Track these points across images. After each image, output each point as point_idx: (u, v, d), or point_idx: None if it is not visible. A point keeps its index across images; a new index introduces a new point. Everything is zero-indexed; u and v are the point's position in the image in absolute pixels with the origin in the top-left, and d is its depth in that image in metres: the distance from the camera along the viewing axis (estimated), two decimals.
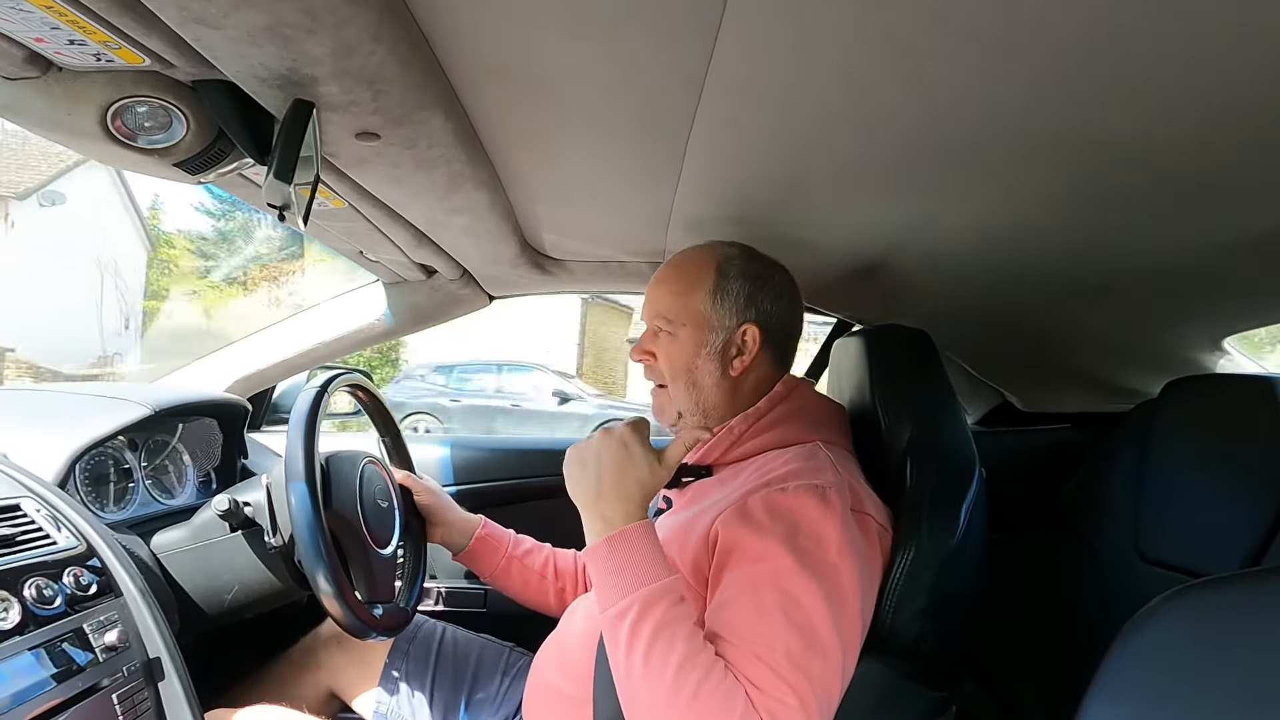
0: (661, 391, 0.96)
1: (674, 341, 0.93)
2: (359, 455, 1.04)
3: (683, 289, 0.93)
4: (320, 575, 0.84)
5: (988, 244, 1.01)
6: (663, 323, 0.94)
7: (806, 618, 0.70)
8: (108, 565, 0.83)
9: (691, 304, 0.92)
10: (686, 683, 0.66)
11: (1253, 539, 1.02)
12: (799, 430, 0.89)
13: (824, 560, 0.73)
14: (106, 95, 0.61)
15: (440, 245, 1.16)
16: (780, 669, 0.67)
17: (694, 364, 0.92)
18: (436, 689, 1.10)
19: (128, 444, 1.10)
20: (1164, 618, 0.43)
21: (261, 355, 1.46)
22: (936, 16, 0.50)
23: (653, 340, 0.95)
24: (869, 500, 0.82)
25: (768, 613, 0.70)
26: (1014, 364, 1.59)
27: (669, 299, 0.94)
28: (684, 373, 0.92)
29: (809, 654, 0.68)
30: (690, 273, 0.94)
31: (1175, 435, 1.18)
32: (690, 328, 0.92)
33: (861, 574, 0.75)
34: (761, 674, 0.67)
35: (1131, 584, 1.16)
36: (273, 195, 0.66)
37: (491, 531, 1.17)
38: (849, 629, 0.72)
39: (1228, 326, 1.30)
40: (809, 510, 0.75)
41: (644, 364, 0.97)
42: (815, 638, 0.69)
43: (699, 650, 0.68)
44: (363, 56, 0.56)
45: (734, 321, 0.91)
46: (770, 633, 0.69)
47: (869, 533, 0.79)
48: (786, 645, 0.68)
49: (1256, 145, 0.63)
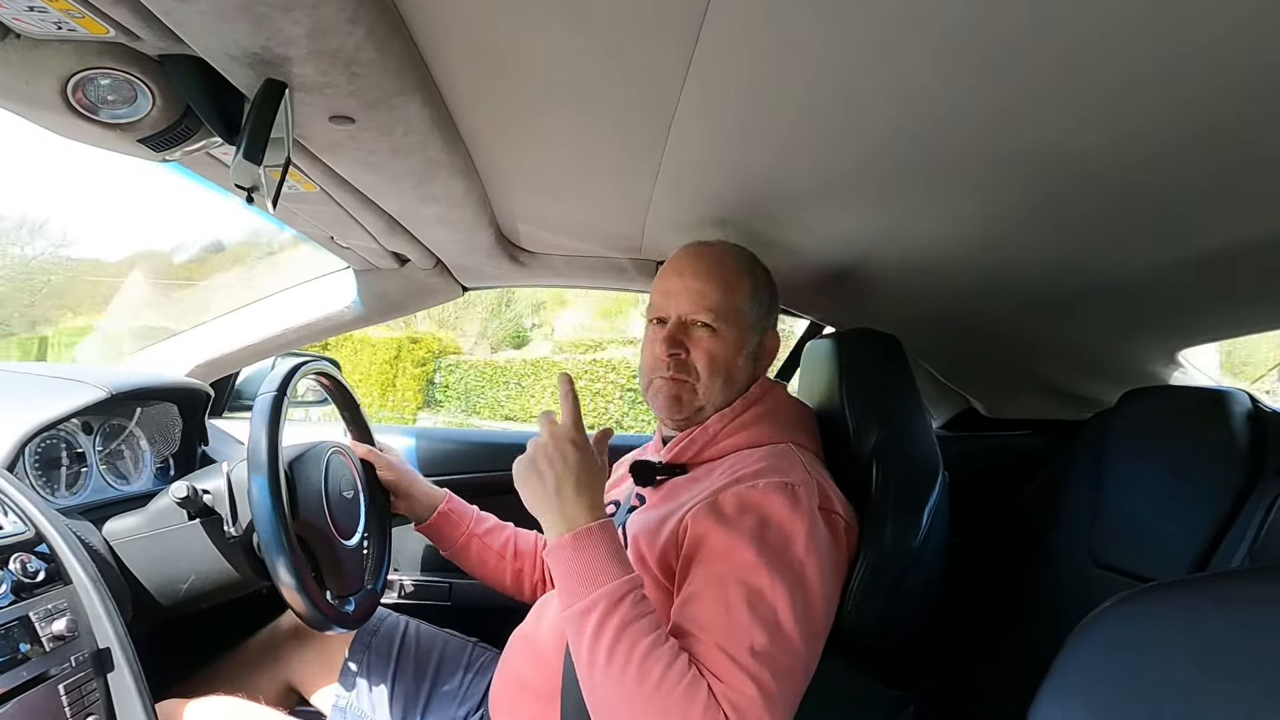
0: (682, 385, 0.93)
1: (716, 338, 0.92)
2: (324, 448, 1.02)
3: (728, 287, 0.93)
4: (281, 566, 0.82)
5: (956, 253, 1.04)
6: (710, 317, 0.92)
7: (771, 612, 0.71)
8: (57, 552, 0.80)
9: (736, 303, 0.93)
10: (650, 675, 0.67)
11: (1199, 546, 1.06)
12: (771, 431, 0.90)
13: (791, 556, 0.74)
14: (67, 66, 0.59)
15: (413, 233, 1.14)
16: (744, 662, 0.68)
17: (735, 362, 0.93)
18: (398, 683, 1.09)
19: (82, 427, 1.06)
20: (1112, 620, 0.45)
21: (226, 340, 1.42)
22: (917, 28, 0.51)
23: (687, 332, 0.93)
24: (837, 499, 0.83)
25: (733, 607, 0.71)
26: (979, 371, 1.63)
27: (718, 295, 0.93)
28: (724, 369, 0.92)
29: (773, 648, 0.69)
30: (734, 273, 0.95)
31: (1129, 444, 1.22)
32: (734, 327, 0.93)
33: (826, 571, 0.76)
34: (725, 667, 0.68)
35: (1084, 587, 1.19)
36: (241, 176, 0.64)
37: (455, 507, 1.17)
38: (813, 624, 0.74)
39: (1183, 340, 1.35)
40: (778, 507, 0.76)
41: (673, 357, 0.93)
42: (779, 632, 0.70)
43: (662, 644, 0.69)
44: (339, 38, 0.55)
45: (763, 325, 0.96)
46: (735, 626, 0.70)
47: (836, 531, 0.80)
48: (751, 639, 0.69)
49: (1216, 166, 0.66)
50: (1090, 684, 0.43)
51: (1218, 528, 1.05)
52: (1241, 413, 1.10)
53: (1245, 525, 1.03)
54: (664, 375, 0.93)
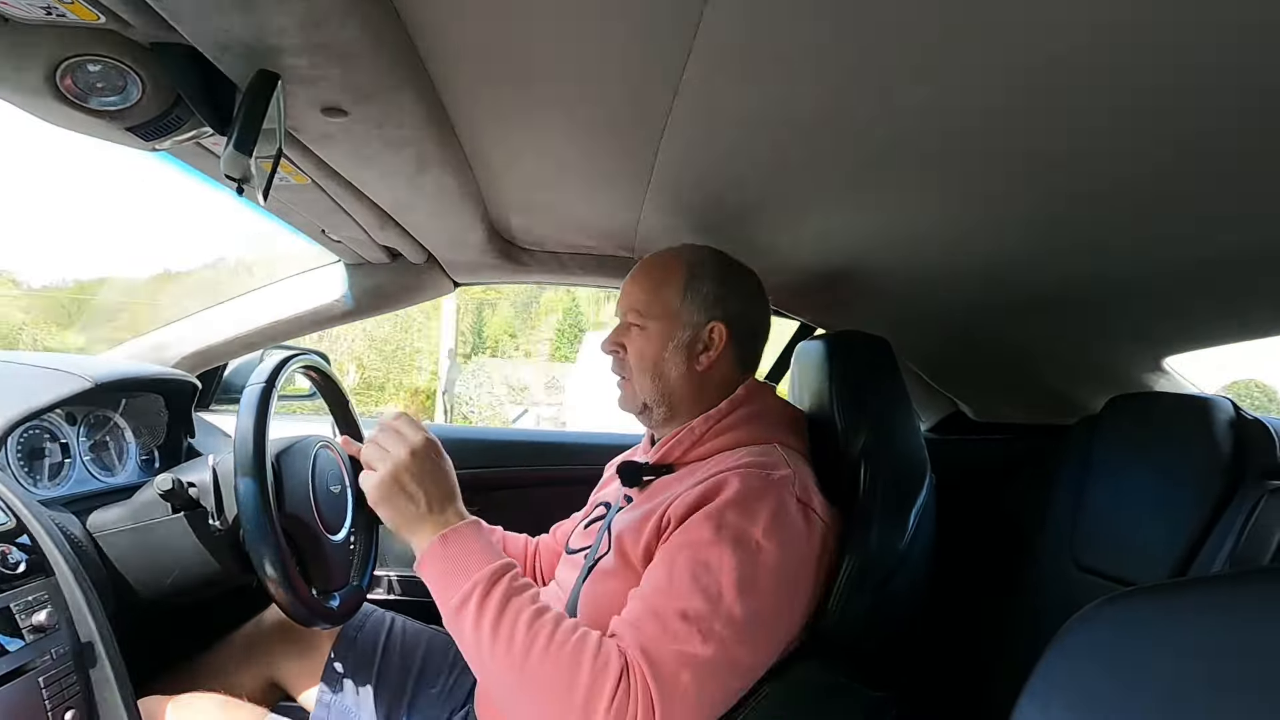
0: (627, 384, 0.98)
1: (643, 334, 0.96)
2: (311, 443, 1.01)
3: (654, 285, 0.96)
4: (266, 561, 0.82)
5: (945, 258, 1.04)
6: (634, 316, 0.96)
7: (715, 584, 0.71)
8: (38, 543, 0.79)
9: (662, 299, 0.95)
10: (539, 637, 0.68)
11: (1181, 550, 1.07)
12: (758, 432, 0.91)
13: (748, 536, 0.74)
14: (56, 52, 0.58)
15: (405, 228, 1.13)
16: (671, 624, 0.69)
17: (661, 356, 0.94)
18: (382, 680, 1.08)
19: (66, 417, 1.05)
20: (1094, 623, 0.45)
21: (214, 331, 1.41)
22: (908, 32, 0.51)
23: (624, 333, 0.98)
24: (816, 498, 0.83)
25: (677, 575, 0.72)
26: (967, 375, 1.64)
27: (641, 293, 0.97)
28: (651, 365, 0.95)
29: (709, 615, 0.70)
30: (663, 270, 0.97)
31: (1114, 449, 1.23)
32: (660, 321, 0.95)
33: (788, 559, 0.76)
34: (650, 626, 0.69)
35: (1066, 590, 1.20)
36: (231, 167, 0.64)
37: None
38: (760, 606, 0.73)
39: (1169, 348, 1.36)
40: (745, 489, 0.78)
41: (614, 356, 0.99)
42: (719, 603, 0.70)
43: (547, 611, 0.70)
44: (333, 30, 0.54)
45: (702, 318, 0.94)
46: (674, 592, 0.71)
47: (810, 526, 0.80)
48: (686, 604, 0.70)
49: (1205, 175, 0.66)
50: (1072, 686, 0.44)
51: (1199, 533, 1.07)
52: (1224, 420, 1.12)
53: (1226, 530, 1.04)
54: (619, 378, 0.99)
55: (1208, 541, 1.06)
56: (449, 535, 0.76)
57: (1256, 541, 1.01)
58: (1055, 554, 1.25)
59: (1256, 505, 1.03)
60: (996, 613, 1.32)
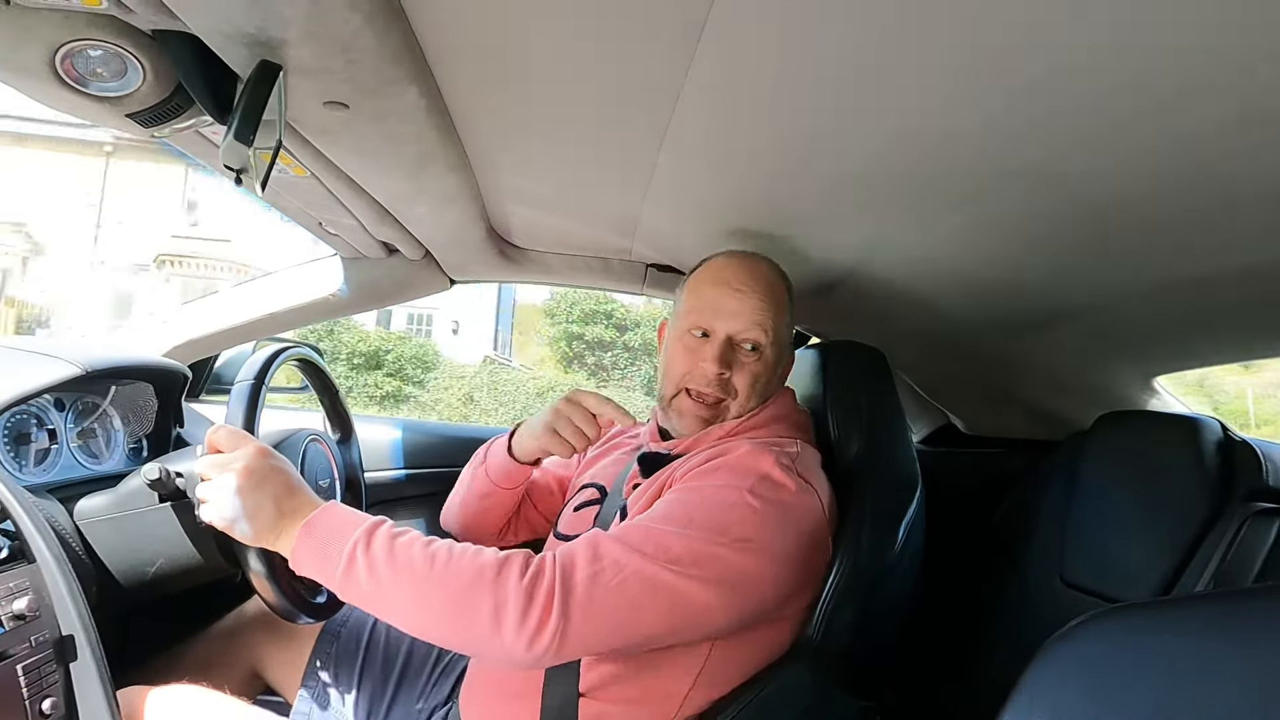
0: (718, 405, 0.91)
1: (761, 360, 0.91)
2: (301, 436, 1.01)
3: (777, 305, 0.92)
4: (251, 554, 0.81)
5: (941, 271, 1.05)
6: (760, 334, 0.89)
7: (686, 515, 0.73)
8: (21, 529, 0.79)
9: (781, 321, 0.92)
10: (438, 553, 0.69)
11: (1165, 569, 1.08)
12: (782, 430, 0.91)
13: (734, 487, 0.75)
14: (57, 35, 0.58)
15: (404, 224, 1.13)
16: (626, 531, 0.71)
17: (770, 381, 0.92)
18: (365, 676, 1.07)
19: (54, 403, 1.04)
20: (1079, 639, 0.45)
21: (206, 321, 1.40)
22: (910, 49, 0.51)
23: (732, 351, 0.90)
24: (820, 482, 0.83)
25: (654, 510, 0.74)
26: (960, 388, 1.65)
27: (770, 317, 0.90)
28: (761, 390, 0.91)
29: (668, 539, 0.70)
30: (782, 292, 0.94)
31: (1102, 466, 1.24)
32: (776, 347, 0.92)
33: (769, 523, 0.74)
34: (604, 533, 0.72)
35: (1052, 606, 1.21)
36: (230, 157, 0.64)
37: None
38: (727, 555, 0.71)
39: (1160, 367, 1.37)
40: (743, 452, 0.79)
41: (719, 377, 0.89)
42: (683, 532, 0.71)
43: (437, 539, 0.71)
44: (337, 23, 0.54)
45: (790, 339, 0.96)
46: (645, 518, 0.73)
47: (808, 504, 0.79)
48: (649, 522, 0.72)
49: (1202, 197, 0.67)
50: (1055, 702, 0.44)
51: (1184, 552, 1.07)
52: (1212, 440, 1.12)
53: (1212, 549, 1.05)
54: (702, 390, 0.90)
55: (1193, 561, 1.06)
56: (311, 522, 0.74)
57: (1240, 562, 1.02)
58: (1041, 569, 1.26)
59: (1241, 526, 1.04)
60: (982, 626, 1.32)
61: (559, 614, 0.65)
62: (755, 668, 0.81)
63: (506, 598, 0.66)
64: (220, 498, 0.75)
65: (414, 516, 1.57)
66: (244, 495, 0.75)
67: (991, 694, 0.49)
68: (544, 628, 0.65)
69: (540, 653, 0.65)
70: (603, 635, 0.68)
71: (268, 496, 0.75)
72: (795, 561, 0.77)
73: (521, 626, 0.65)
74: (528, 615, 0.65)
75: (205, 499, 0.76)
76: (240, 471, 0.75)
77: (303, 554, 0.74)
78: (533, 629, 0.65)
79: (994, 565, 1.35)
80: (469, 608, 0.67)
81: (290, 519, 0.75)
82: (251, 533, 0.75)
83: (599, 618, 0.67)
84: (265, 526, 0.75)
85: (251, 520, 0.75)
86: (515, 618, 0.65)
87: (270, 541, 0.76)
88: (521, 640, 0.65)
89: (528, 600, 0.66)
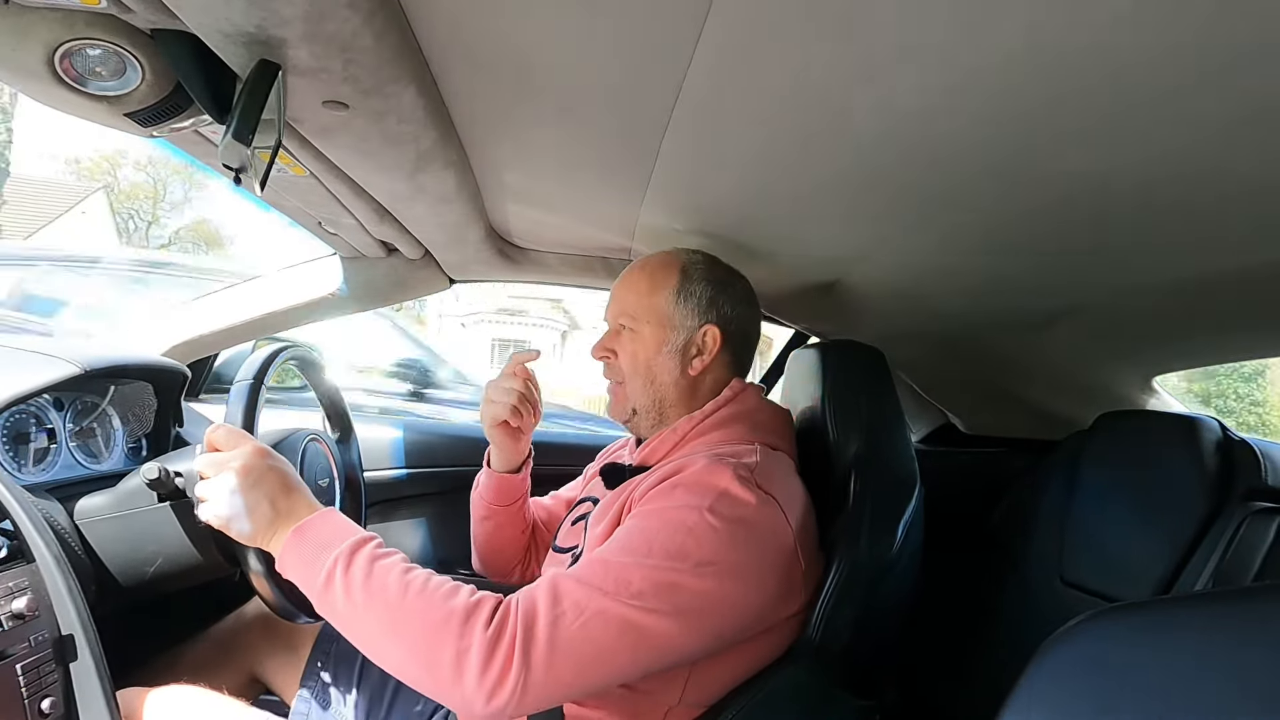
0: (619, 389, 0.97)
1: (636, 339, 0.95)
2: (301, 436, 1.01)
3: (647, 289, 0.96)
4: (250, 553, 0.81)
5: (939, 270, 1.05)
6: (627, 320, 0.96)
7: (644, 545, 0.71)
8: (20, 528, 0.79)
9: (655, 303, 0.94)
10: (411, 585, 0.68)
11: (1165, 568, 1.08)
12: (741, 433, 0.90)
13: (691, 509, 0.73)
14: (56, 34, 0.57)
15: (403, 223, 1.13)
16: (583, 569, 0.70)
17: (654, 361, 0.94)
18: (364, 677, 1.07)
19: (53, 403, 1.04)
20: (1078, 639, 0.45)
21: (206, 320, 1.40)
22: (907, 48, 0.51)
23: (614, 338, 0.97)
24: (784, 492, 0.80)
25: (613, 540, 0.74)
26: (959, 387, 1.65)
27: (633, 298, 0.96)
28: (644, 369, 0.94)
29: (627, 571, 0.69)
30: (655, 273, 0.96)
31: (1101, 465, 1.24)
32: (653, 326, 0.94)
33: (731, 545, 0.72)
34: (563, 573, 0.71)
35: (1051, 605, 1.21)
36: (229, 156, 0.64)
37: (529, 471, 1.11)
38: (688, 583, 0.69)
39: (1159, 366, 1.37)
40: (705, 469, 0.78)
41: (605, 361, 0.99)
42: (641, 564, 0.69)
43: (416, 568, 0.71)
44: (336, 23, 0.54)
45: (695, 322, 0.94)
46: (604, 550, 0.72)
47: (771, 519, 0.76)
48: (607, 555, 0.71)
49: (1200, 196, 0.67)
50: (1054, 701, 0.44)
51: (1184, 551, 1.07)
52: (1211, 439, 1.12)
53: (1211, 549, 1.05)
54: (610, 383, 0.98)
55: (1192, 560, 1.06)
56: (303, 527, 0.74)
57: (1240, 561, 1.02)
58: (1041, 568, 1.26)
59: (1240, 525, 1.04)
60: (981, 625, 1.32)
61: (520, 664, 0.64)
62: (745, 675, 0.80)
63: (469, 645, 0.64)
64: (218, 496, 0.75)
65: (414, 516, 1.57)
66: (241, 494, 0.75)
67: (991, 693, 0.50)
68: (504, 680, 0.63)
69: (500, 706, 0.63)
70: (567, 681, 0.66)
71: (264, 496, 0.75)
72: (765, 577, 0.75)
73: (482, 678, 0.63)
74: (489, 667, 0.64)
75: (203, 498, 0.76)
76: (238, 470, 0.75)
77: (290, 558, 0.73)
78: (493, 681, 0.63)
79: (993, 564, 1.35)
80: (432, 652, 0.65)
81: (285, 519, 0.75)
82: (248, 532, 0.75)
83: (561, 665, 0.65)
84: (261, 526, 0.75)
85: (248, 519, 0.75)
86: (476, 669, 0.63)
87: (265, 541, 0.75)
88: (481, 693, 0.63)
89: (490, 650, 0.64)
